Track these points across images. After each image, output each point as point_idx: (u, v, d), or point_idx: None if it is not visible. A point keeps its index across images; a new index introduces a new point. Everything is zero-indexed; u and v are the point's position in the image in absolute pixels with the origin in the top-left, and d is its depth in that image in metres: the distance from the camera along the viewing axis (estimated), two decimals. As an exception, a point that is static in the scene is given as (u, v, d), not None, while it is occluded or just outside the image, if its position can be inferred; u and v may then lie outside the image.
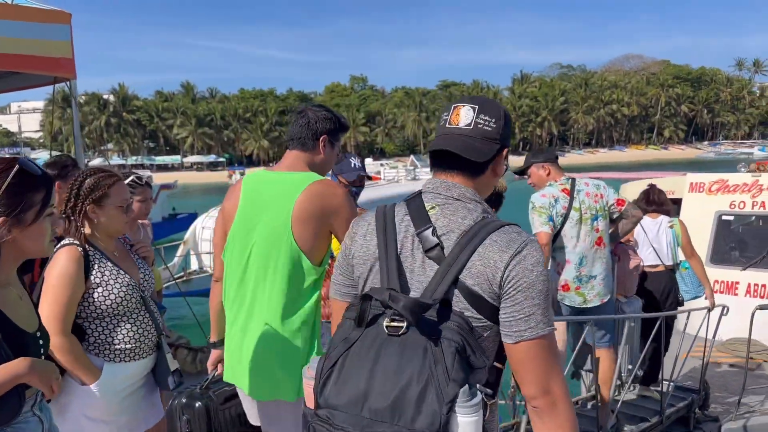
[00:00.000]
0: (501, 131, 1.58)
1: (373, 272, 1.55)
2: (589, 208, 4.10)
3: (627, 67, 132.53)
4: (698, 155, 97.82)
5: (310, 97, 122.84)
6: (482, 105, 1.58)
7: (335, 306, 1.67)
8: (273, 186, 2.43)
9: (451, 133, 1.56)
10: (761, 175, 7.43)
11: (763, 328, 6.52)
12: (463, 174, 1.56)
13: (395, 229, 1.53)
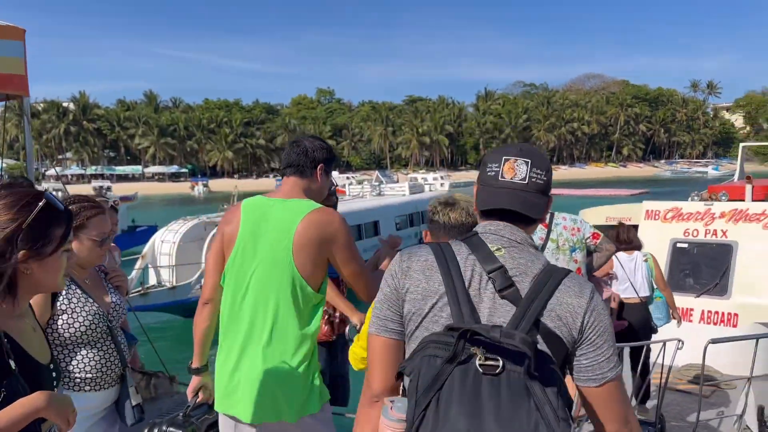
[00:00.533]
0: (550, 183, 1.64)
1: (436, 309, 1.50)
2: (566, 240, 4.34)
3: (587, 87, 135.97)
4: (655, 173, 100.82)
5: (277, 109, 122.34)
6: (534, 158, 1.61)
7: (376, 342, 1.59)
8: (274, 213, 2.48)
9: (508, 188, 1.58)
10: (713, 204, 7.69)
11: (717, 356, 6.73)
12: (519, 223, 1.60)
13: (459, 267, 1.53)
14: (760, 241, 7.06)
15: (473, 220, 2.56)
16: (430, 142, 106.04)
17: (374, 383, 1.59)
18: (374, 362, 1.59)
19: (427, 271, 1.55)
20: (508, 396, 1.30)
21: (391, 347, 1.57)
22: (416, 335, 1.51)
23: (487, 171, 1.63)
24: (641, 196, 53.07)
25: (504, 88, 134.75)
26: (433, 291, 1.52)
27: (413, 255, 1.61)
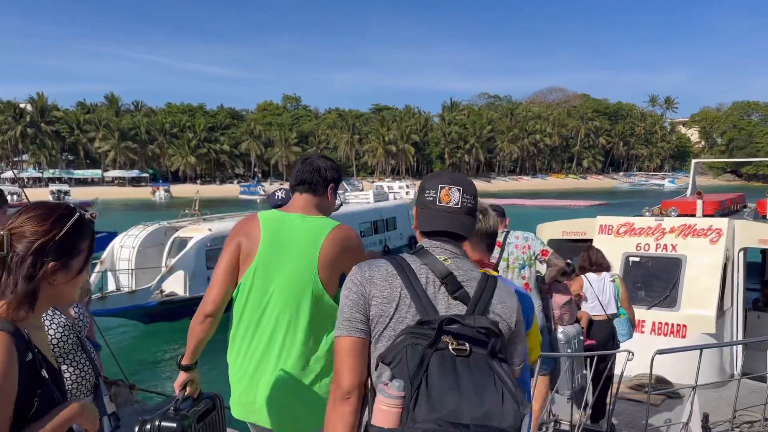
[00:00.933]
0: (476, 206, 2.00)
1: (401, 310, 1.77)
2: (516, 258, 4.70)
3: (550, 99, 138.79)
4: (614, 185, 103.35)
5: (242, 115, 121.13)
6: (464, 186, 1.95)
7: (346, 342, 1.80)
8: (297, 228, 2.58)
9: (445, 212, 1.91)
10: (663, 219, 7.98)
11: (667, 366, 6.99)
12: (454, 240, 1.93)
13: (415, 274, 1.82)
14: (707, 255, 7.36)
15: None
16: (396, 151, 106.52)
17: (345, 381, 1.77)
18: (345, 361, 1.78)
19: (389, 279, 1.81)
20: (477, 373, 1.62)
21: (360, 346, 1.79)
22: (384, 335, 1.77)
23: (426, 196, 1.95)
24: (600, 207, 54.48)
25: (469, 99, 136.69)
26: (396, 295, 1.79)
27: (373, 266, 1.86)
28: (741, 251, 7.53)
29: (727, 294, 7.42)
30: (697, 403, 5.37)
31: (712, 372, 6.92)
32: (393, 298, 1.79)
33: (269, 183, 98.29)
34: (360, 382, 1.78)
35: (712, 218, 8.15)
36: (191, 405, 2.76)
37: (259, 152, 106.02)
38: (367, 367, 1.81)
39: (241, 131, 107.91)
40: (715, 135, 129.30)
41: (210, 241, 15.64)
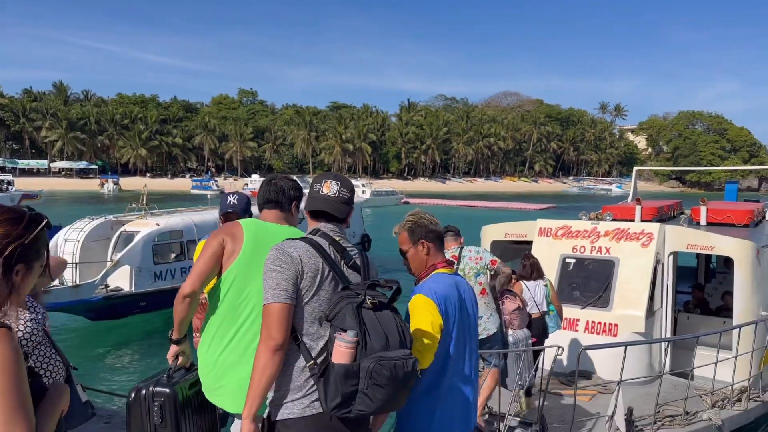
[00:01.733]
0: (353, 198, 2.70)
1: (326, 281, 2.46)
2: (471, 268, 5.57)
3: (504, 104, 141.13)
4: (564, 189, 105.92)
5: (196, 107, 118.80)
6: (342, 182, 2.68)
7: (279, 307, 2.37)
8: (277, 235, 2.92)
9: (324, 198, 2.62)
10: (599, 223, 8.32)
11: (598, 362, 7.33)
12: (335, 222, 2.65)
13: (327, 252, 2.50)
14: (638, 258, 7.72)
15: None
16: (354, 149, 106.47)
17: (280, 336, 2.33)
18: (279, 321, 2.35)
19: (312, 257, 2.46)
20: (387, 320, 2.36)
21: (290, 310, 2.39)
22: (313, 300, 2.43)
23: (314, 188, 2.66)
24: (549, 210, 55.80)
25: (426, 101, 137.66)
26: (320, 270, 2.46)
27: (299, 248, 2.47)
28: (671, 255, 7.91)
29: (657, 295, 7.79)
30: (622, 397, 5.66)
31: (641, 369, 7.27)
32: (317, 272, 2.44)
33: (223, 178, 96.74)
34: (287, 338, 2.37)
35: (645, 223, 8.54)
36: (183, 374, 3.09)
37: (213, 146, 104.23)
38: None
39: (195, 124, 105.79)
40: (662, 143, 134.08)
41: (158, 235, 15.36)
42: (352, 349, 2.26)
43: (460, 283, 2.93)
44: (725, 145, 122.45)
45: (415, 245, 2.91)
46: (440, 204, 62.24)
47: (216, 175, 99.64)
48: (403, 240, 2.96)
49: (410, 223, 2.94)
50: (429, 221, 2.94)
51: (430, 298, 2.72)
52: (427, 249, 2.90)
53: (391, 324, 2.36)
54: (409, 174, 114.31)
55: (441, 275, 2.88)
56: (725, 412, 6.43)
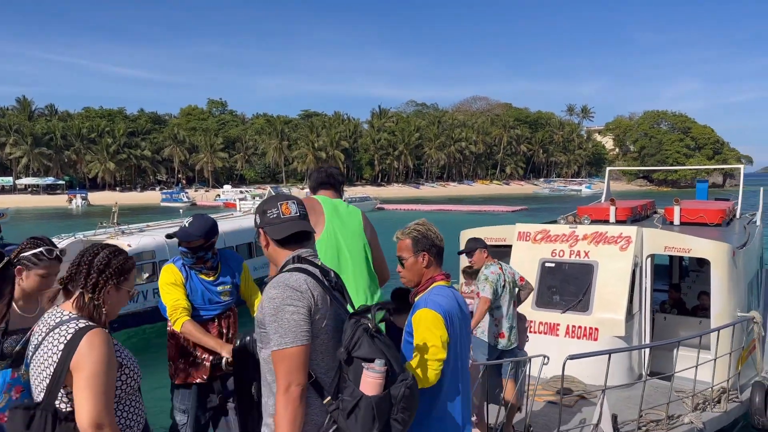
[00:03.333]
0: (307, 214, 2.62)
1: (331, 310, 2.36)
2: (510, 281, 5.79)
3: (474, 108, 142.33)
4: (535, 191, 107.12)
5: (164, 119, 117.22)
6: (294, 199, 2.56)
7: (300, 351, 2.25)
8: (344, 209, 3.69)
9: (291, 219, 2.49)
10: (577, 227, 8.33)
11: (581, 368, 7.31)
12: (308, 242, 2.53)
13: (323, 281, 2.39)
14: (617, 262, 7.74)
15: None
16: (326, 157, 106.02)
17: (303, 379, 2.23)
18: (302, 365, 2.23)
19: (317, 289, 2.34)
20: (389, 340, 2.36)
21: (309, 350, 2.27)
22: (323, 332, 2.31)
23: (269, 215, 2.50)
24: (521, 212, 56.31)
25: (397, 107, 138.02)
26: (327, 300, 2.36)
27: (301, 279, 2.32)
28: (649, 258, 7.96)
29: (636, 298, 7.82)
30: (606, 404, 5.64)
31: (622, 373, 7.29)
32: (326, 302, 2.35)
33: (194, 189, 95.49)
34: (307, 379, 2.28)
35: (623, 226, 8.58)
36: None
37: (183, 158, 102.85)
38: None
39: (164, 136, 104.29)
40: (628, 143, 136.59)
41: (129, 255, 15.02)
42: (383, 378, 2.21)
43: (458, 297, 2.89)
44: (690, 143, 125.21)
45: (416, 255, 2.88)
46: (415, 209, 62.32)
47: (186, 187, 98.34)
48: (404, 247, 2.92)
49: (416, 232, 2.91)
50: (436, 236, 2.93)
51: (438, 313, 2.67)
52: (427, 261, 2.88)
53: (393, 346, 2.35)
54: (383, 180, 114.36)
55: (442, 288, 2.84)
56: (706, 415, 6.46)
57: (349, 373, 2.23)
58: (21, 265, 2.94)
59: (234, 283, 4.09)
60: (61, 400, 2.22)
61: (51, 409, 2.19)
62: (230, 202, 64.38)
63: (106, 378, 2.20)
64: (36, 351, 2.28)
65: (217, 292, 4.00)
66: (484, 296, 5.62)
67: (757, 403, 6.95)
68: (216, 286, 4.00)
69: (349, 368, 2.24)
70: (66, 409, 2.22)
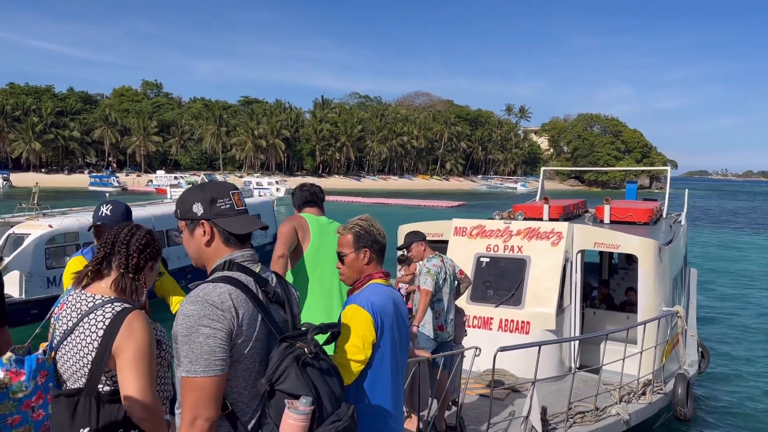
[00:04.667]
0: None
1: (257, 330, 2.00)
2: (451, 275, 5.84)
3: (417, 103, 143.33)
4: (473, 187, 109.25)
5: (96, 99, 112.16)
6: (237, 189, 2.21)
7: (214, 382, 1.91)
8: (327, 225, 4.02)
9: (245, 213, 2.16)
10: (511, 222, 8.43)
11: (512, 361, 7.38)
12: (248, 243, 2.18)
13: (254, 293, 2.03)
14: (549, 257, 7.87)
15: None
16: (267, 146, 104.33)
17: (213, 413, 1.90)
18: (212, 397, 1.89)
19: (244, 303, 1.96)
20: (328, 369, 2.05)
21: (224, 380, 1.93)
22: (247, 356, 1.96)
23: (220, 205, 2.12)
24: (459, 208, 57.22)
25: (340, 98, 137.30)
26: (254, 318, 1.98)
27: (225, 293, 1.95)
28: (579, 253, 8.13)
29: (567, 293, 7.98)
30: (536, 397, 5.70)
31: (552, 366, 7.41)
32: (252, 320, 1.97)
33: (125, 174, 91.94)
34: (219, 411, 1.93)
35: (555, 222, 8.74)
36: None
37: (115, 140, 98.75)
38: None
39: (95, 117, 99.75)
40: (562, 143, 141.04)
41: (50, 238, 14.19)
42: (306, 421, 1.86)
43: (395, 295, 2.78)
44: (620, 146, 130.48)
45: (357, 251, 2.76)
46: (355, 201, 62.19)
47: (117, 171, 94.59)
48: (345, 243, 2.79)
49: (359, 228, 2.77)
50: (378, 232, 2.80)
51: (366, 311, 2.55)
52: (368, 258, 2.76)
53: (332, 374, 2.02)
54: (324, 171, 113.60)
55: (377, 286, 2.72)
56: (632, 406, 6.65)
57: (270, 408, 1.92)
58: None
59: None
60: (104, 383, 2.26)
61: (94, 393, 2.23)
62: (162, 188, 62.44)
63: (149, 359, 2.24)
64: (68, 336, 2.28)
65: None
66: (425, 288, 5.60)
67: (679, 395, 7.22)
68: None
69: (270, 402, 1.92)
70: (109, 391, 2.26)
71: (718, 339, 13.52)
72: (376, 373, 2.58)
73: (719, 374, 11.08)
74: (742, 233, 40.99)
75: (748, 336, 14.24)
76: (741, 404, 9.79)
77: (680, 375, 7.52)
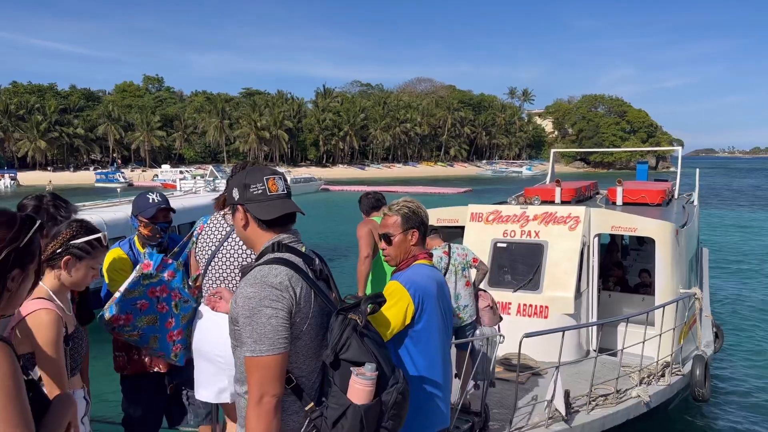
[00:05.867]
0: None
1: (312, 306, 2.11)
2: (459, 263, 6.10)
3: (419, 90, 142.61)
4: (478, 172, 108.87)
5: (98, 96, 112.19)
6: (281, 175, 2.28)
7: (277, 360, 2.01)
8: None
9: (280, 198, 2.20)
10: (527, 207, 8.44)
11: (532, 345, 7.42)
12: (290, 226, 2.27)
13: (306, 272, 2.12)
14: (566, 241, 7.89)
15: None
16: (270, 137, 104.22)
17: (279, 389, 1.99)
18: (278, 375, 1.99)
19: (299, 282, 2.06)
20: (378, 337, 2.18)
21: (287, 358, 2.03)
22: (306, 331, 2.06)
23: (253, 191, 2.19)
24: (466, 194, 57.11)
25: (342, 87, 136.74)
26: (310, 295, 2.08)
27: (282, 273, 2.05)
28: (596, 237, 8.15)
29: (584, 277, 8.00)
30: (560, 381, 5.75)
31: (571, 349, 7.46)
32: (309, 299, 2.08)
33: (130, 169, 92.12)
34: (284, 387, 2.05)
35: (571, 206, 8.74)
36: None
37: (118, 136, 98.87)
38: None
39: (98, 114, 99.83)
40: (567, 126, 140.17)
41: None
42: (373, 386, 1.99)
43: (438, 276, 2.85)
44: (625, 126, 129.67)
45: (405, 232, 2.81)
46: (360, 190, 62.13)
47: (122, 167, 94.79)
48: (392, 223, 2.83)
49: (407, 209, 2.83)
50: (425, 214, 2.88)
51: (405, 288, 2.62)
52: (416, 239, 2.82)
53: (382, 343, 2.15)
54: (328, 161, 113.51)
55: (422, 266, 2.79)
56: (652, 388, 6.69)
57: (335, 377, 2.02)
58: (70, 254, 2.59)
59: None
60: None
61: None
62: (169, 183, 62.54)
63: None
64: (219, 249, 3.31)
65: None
66: None
67: (697, 376, 7.25)
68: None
69: (335, 372, 2.02)
70: None
71: (729, 318, 13.54)
72: (426, 350, 2.65)
73: (733, 353, 11.12)
74: (750, 211, 40.83)
75: (759, 314, 14.26)
76: (755, 383, 9.83)
77: (698, 356, 7.55)
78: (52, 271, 2.57)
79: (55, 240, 2.59)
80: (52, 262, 2.56)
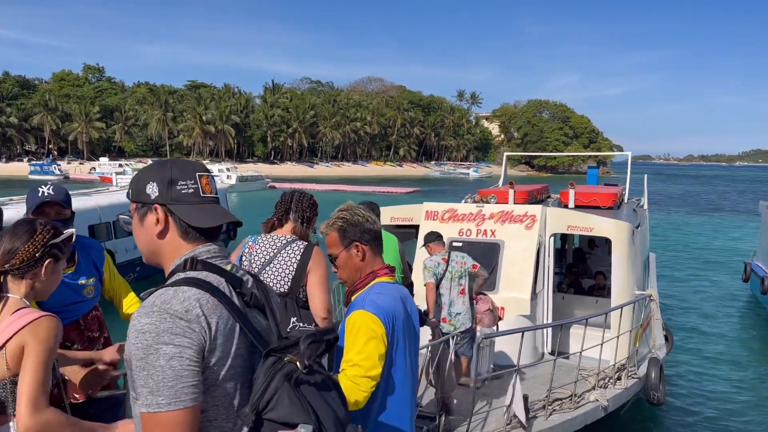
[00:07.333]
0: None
1: (236, 343, 1.53)
2: (456, 271, 6.26)
3: (369, 89, 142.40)
4: (426, 173, 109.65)
5: (34, 84, 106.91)
6: (209, 171, 1.71)
7: (186, 415, 1.43)
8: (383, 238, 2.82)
9: (213, 202, 1.66)
10: (484, 206, 8.22)
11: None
12: (216, 236, 1.69)
13: (228, 297, 1.56)
14: (523, 241, 7.70)
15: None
16: (216, 132, 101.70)
17: None
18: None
19: (217, 311, 1.49)
20: (326, 383, 1.55)
21: (199, 411, 1.46)
22: (223, 376, 1.49)
23: (181, 188, 1.63)
24: (414, 194, 57.23)
25: (291, 83, 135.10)
26: (232, 327, 1.51)
27: (192, 299, 1.48)
28: (551, 237, 8.00)
29: (540, 277, 7.84)
30: (519, 385, 5.51)
31: (527, 352, 7.26)
32: (230, 333, 1.50)
33: (66, 161, 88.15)
34: None
35: (528, 205, 8.57)
36: None
37: (55, 127, 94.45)
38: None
39: (33, 103, 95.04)
40: (513, 129, 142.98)
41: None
42: None
43: (403, 293, 2.41)
44: (568, 131, 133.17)
45: (347, 249, 2.35)
46: (309, 189, 61.25)
47: (59, 159, 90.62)
48: (331, 242, 2.37)
49: (341, 221, 2.36)
50: (364, 218, 2.38)
51: (377, 317, 2.17)
52: (362, 253, 2.36)
53: (331, 389, 1.57)
54: (276, 158, 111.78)
55: (383, 285, 2.34)
56: (609, 392, 6.56)
57: None
58: (51, 256, 2.28)
59: (98, 275, 3.33)
60: (301, 293, 3.41)
61: (294, 297, 3.41)
62: (107, 176, 60.11)
63: (329, 278, 3.25)
64: (269, 264, 3.47)
65: (80, 287, 3.21)
66: (425, 282, 6.17)
67: (653, 378, 7.18)
68: (76, 281, 3.20)
69: None
70: (303, 297, 3.41)
71: (676, 321, 13.79)
72: (388, 383, 2.25)
73: (681, 354, 11.26)
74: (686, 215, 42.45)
75: (701, 316, 14.60)
76: (706, 384, 9.95)
77: (653, 359, 7.49)
78: (23, 281, 2.22)
79: (30, 243, 2.23)
80: (33, 268, 2.23)
